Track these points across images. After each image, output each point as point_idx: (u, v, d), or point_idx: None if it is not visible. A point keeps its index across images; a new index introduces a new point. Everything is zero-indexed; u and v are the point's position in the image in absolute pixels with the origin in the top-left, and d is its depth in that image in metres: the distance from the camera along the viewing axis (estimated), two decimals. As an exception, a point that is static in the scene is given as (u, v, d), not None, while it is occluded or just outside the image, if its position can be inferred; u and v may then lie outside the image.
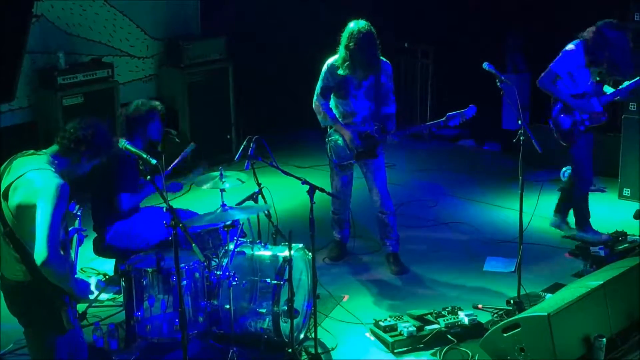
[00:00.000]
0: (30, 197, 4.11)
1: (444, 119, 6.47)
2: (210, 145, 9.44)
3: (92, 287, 4.93)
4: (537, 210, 7.59)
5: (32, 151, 4.33)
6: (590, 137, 7.06)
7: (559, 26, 7.25)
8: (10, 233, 4.19)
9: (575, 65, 6.78)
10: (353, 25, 6.31)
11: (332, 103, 6.62)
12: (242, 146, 5.91)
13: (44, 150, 4.32)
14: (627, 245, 6.87)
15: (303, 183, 5.44)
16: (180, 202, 7.62)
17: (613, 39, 6.63)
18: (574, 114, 6.88)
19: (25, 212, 4.12)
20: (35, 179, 4.15)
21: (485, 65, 6.22)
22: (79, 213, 5.16)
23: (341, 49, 6.33)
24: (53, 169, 4.22)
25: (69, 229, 4.74)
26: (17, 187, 4.17)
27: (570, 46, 6.79)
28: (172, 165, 6.35)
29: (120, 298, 5.76)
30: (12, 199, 4.18)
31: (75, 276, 4.55)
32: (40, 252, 4.04)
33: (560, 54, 6.82)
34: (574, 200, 7.15)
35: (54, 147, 4.32)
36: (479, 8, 9.94)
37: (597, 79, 6.89)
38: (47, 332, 4.28)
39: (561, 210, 7.41)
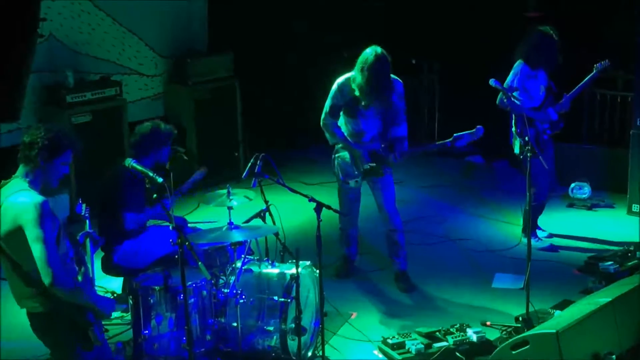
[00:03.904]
0: (14, 221, 4.14)
1: (450, 139, 6.38)
2: (218, 162, 9.46)
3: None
4: (547, 227, 7.63)
5: (3, 181, 4.35)
6: (551, 148, 7.39)
7: (565, 43, 7.28)
8: (17, 267, 4.20)
9: (525, 75, 7.14)
10: (369, 52, 6.27)
11: (341, 120, 6.62)
12: (249, 164, 5.92)
13: (13, 176, 4.34)
14: (636, 261, 6.83)
15: (310, 200, 5.44)
16: (188, 219, 7.61)
17: (545, 41, 7.12)
18: (536, 125, 7.18)
19: (15, 237, 4.14)
20: (13, 203, 4.18)
21: (491, 81, 6.24)
22: (87, 214, 5.12)
23: (356, 73, 6.33)
24: (28, 186, 4.23)
25: (78, 235, 4.74)
26: (0, 218, 4.19)
27: (516, 63, 7.22)
28: (180, 188, 6.37)
29: (128, 316, 5.76)
30: (1, 231, 4.19)
31: (96, 291, 4.57)
32: (45, 274, 4.06)
33: (511, 72, 7.23)
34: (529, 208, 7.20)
35: (20, 167, 4.34)
36: (486, 23, 9.97)
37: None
38: (74, 351, 4.30)
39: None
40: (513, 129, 7.20)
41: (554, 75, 7.30)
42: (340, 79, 6.48)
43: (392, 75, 6.44)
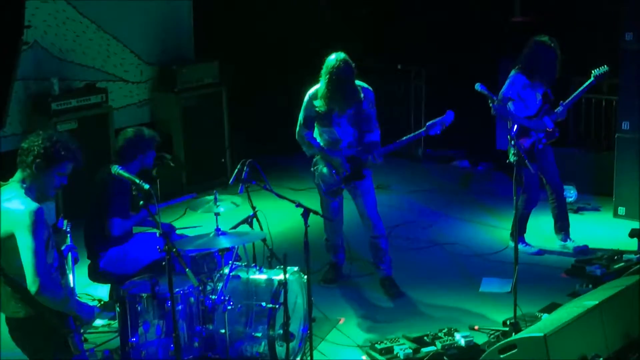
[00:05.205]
0: (8, 228, 4.11)
1: (424, 129, 6.46)
2: (205, 169, 9.46)
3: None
4: (532, 231, 7.64)
5: (2, 183, 4.31)
6: (550, 154, 7.34)
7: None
8: (3, 272, 4.18)
9: (521, 85, 7.06)
10: (332, 58, 6.30)
11: (316, 132, 6.63)
12: (236, 170, 5.92)
13: (11, 179, 4.30)
14: (622, 264, 6.86)
15: (297, 206, 5.43)
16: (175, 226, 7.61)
17: (543, 52, 7.01)
18: (531, 134, 7.13)
19: (7, 244, 4.11)
20: (9, 210, 4.14)
21: (477, 86, 6.26)
22: (68, 229, 5.12)
23: (321, 79, 6.34)
24: (24, 193, 4.20)
25: (62, 247, 4.72)
26: None
27: (512, 72, 7.14)
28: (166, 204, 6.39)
29: (115, 324, 5.73)
30: None
31: (77, 299, 4.53)
32: (31, 282, 4.04)
33: (507, 81, 7.15)
34: (516, 215, 7.06)
35: (18, 171, 4.31)
36: (472, 29, 10.00)
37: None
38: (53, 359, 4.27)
39: (558, 228, 7.50)
40: (508, 136, 7.12)
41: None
42: (310, 90, 6.49)
43: (362, 83, 6.45)
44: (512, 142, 6.12)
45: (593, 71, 7.25)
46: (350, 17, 10.70)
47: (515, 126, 7.07)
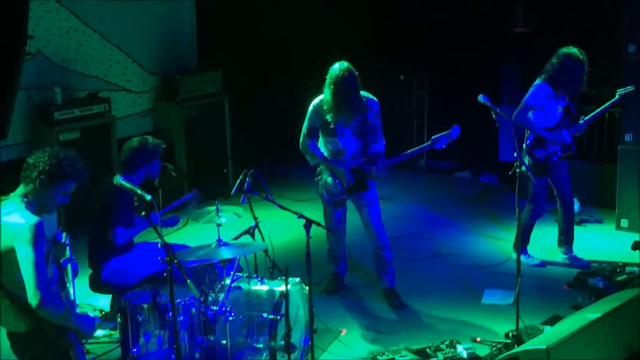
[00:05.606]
0: (7, 241, 4.10)
1: (429, 142, 6.43)
2: (207, 179, 9.45)
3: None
4: (535, 242, 7.62)
5: (2, 197, 4.30)
6: (564, 167, 7.30)
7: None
8: (3, 286, 4.17)
9: (545, 94, 7.00)
10: (335, 67, 6.29)
11: (320, 142, 6.62)
12: (238, 180, 5.91)
13: (12, 194, 4.29)
14: (625, 276, 6.85)
15: (299, 217, 5.43)
16: (176, 236, 7.60)
17: (571, 64, 6.94)
18: (547, 145, 7.09)
19: (7, 257, 4.11)
20: (9, 224, 4.13)
21: (480, 97, 6.25)
22: (67, 242, 5.11)
23: (324, 89, 6.34)
24: (24, 207, 4.20)
25: (61, 260, 4.71)
26: None
27: (537, 81, 7.07)
28: (168, 207, 6.36)
29: (117, 334, 5.72)
30: None
31: (78, 311, 4.52)
32: (32, 295, 4.04)
33: (531, 89, 7.07)
34: (521, 225, 6.94)
35: (21, 185, 4.30)
36: (475, 39, 10.00)
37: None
38: None
39: (562, 241, 7.51)
40: (524, 145, 7.08)
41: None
42: (315, 101, 6.49)
43: (367, 94, 6.45)
44: (515, 154, 6.10)
45: (618, 90, 7.21)
46: (350, 17, 10.71)
47: (531, 136, 7.06)
